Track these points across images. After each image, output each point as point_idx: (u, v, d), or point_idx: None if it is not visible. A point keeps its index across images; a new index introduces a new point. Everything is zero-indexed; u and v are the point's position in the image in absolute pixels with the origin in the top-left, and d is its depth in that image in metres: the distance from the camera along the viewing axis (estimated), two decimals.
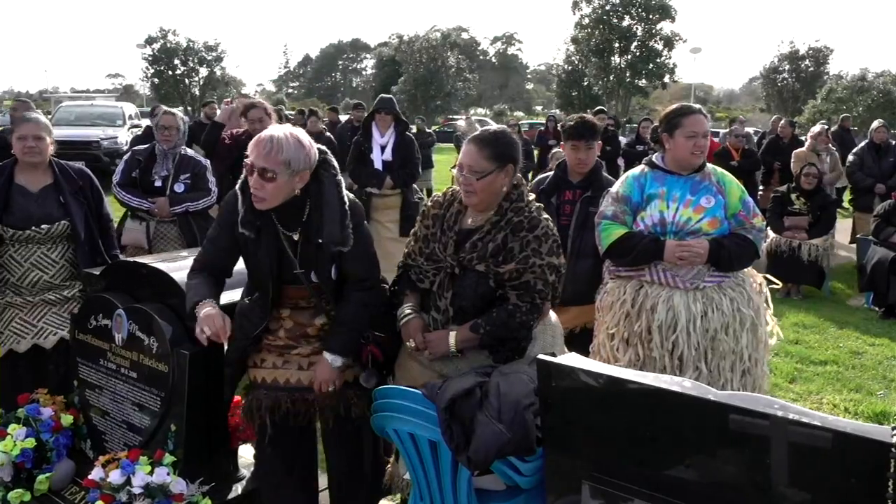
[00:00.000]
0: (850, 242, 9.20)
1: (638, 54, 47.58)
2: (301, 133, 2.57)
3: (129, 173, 4.74)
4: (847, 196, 10.14)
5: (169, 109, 5.18)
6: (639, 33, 47.55)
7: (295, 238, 2.63)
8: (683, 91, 54.23)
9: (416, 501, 2.62)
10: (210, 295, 2.66)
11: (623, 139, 13.56)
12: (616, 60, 48.14)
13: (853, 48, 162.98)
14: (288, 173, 2.49)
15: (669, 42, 47.74)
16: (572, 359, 2.15)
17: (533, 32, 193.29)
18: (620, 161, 10.86)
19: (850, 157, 9.07)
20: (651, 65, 47.69)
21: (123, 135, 15.79)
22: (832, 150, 9.90)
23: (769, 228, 7.57)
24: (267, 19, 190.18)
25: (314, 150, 2.59)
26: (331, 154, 2.69)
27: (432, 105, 50.87)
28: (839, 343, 6.05)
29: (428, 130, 15.49)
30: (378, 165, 6.08)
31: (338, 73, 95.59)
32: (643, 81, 48.81)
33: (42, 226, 3.61)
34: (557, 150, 9.90)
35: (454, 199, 2.77)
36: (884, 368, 5.45)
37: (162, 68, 50.72)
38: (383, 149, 6.11)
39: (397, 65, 55.09)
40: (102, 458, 2.94)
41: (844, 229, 9.72)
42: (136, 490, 2.75)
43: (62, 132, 3.82)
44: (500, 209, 2.67)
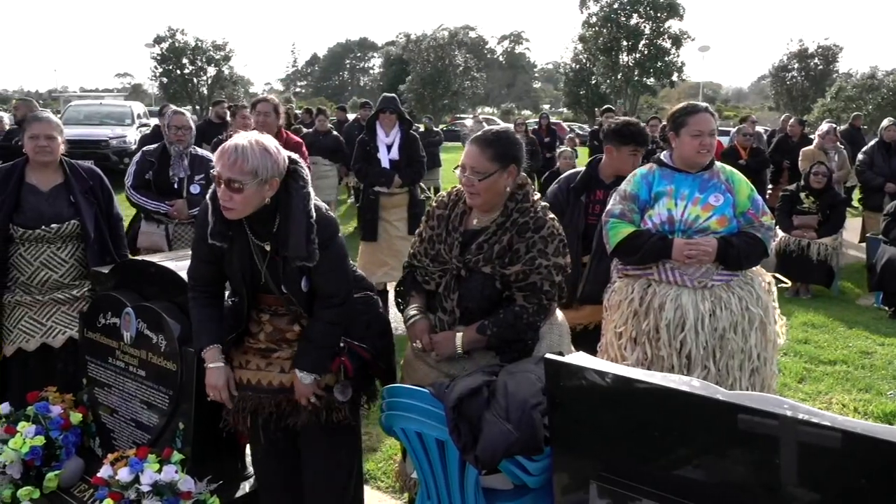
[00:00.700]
0: (860, 242, 9.15)
1: (646, 53, 47.41)
2: (268, 140, 2.49)
3: (142, 175, 4.66)
4: (857, 195, 10.08)
5: (179, 109, 5.12)
6: (647, 32, 47.39)
7: (266, 248, 2.58)
8: (692, 89, 54.04)
9: (424, 500, 2.62)
10: (214, 334, 2.68)
11: None
12: (624, 59, 47.98)
13: (863, 46, 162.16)
14: (256, 182, 2.41)
15: (678, 40, 47.55)
16: (580, 358, 2.14)
17: (540, 31, 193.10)
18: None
19: (860, 156, 9.02)
20: (659, 63, 47.52)
21: (132, 134, 15.84)
22: (840, 149, 9.84)
23: (778, 227, 7.54)
24: (275, 18, 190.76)
25: (283, 157, 2.50)
26: (303, 165, 2.59)
27: (440, 104, 50.81)
28: (848, 343, 6.02)
29: (435, 129, 15.47)
30: (385, 164, 6.09)
31: (345, 72, 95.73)
32: (651, 80, 48.65)
33: (52, 225, 3.62)
34: (566, 150, 9.91)
35: (459, 200, 2.76)
36: (893, 368, 5.41)
37: (170, 67, 50.77)
38: (389, 148, 6.12)
39: (405, 64, 55.07)
40: (111, 456, 2.95)
41: (854, 228, 9.67)
42: (145, 488, 2.76)
43: (71, 131, 3.84)
44: (506, 210, 2.66)
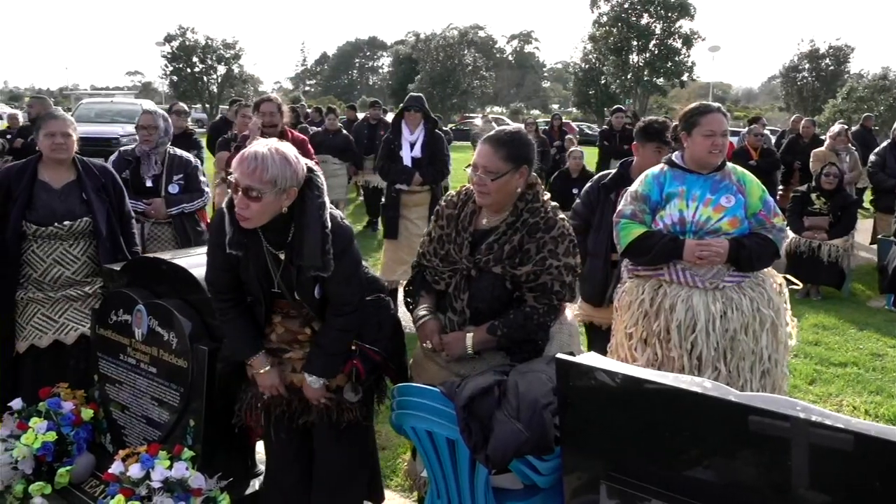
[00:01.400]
0: (871, 243, 9.10)
1: (656, 52, 47.31)
2: (287, 148, 2.46)
3: (120, 174, 4.47)
4: (868, 196, 10.03)
5: (149, 109, 5.03)
6: (657, 31, 47.27)
7: (281, 257, 2.57)
8: (701, 90, 53.86)
9: (434, 499, 2.62)
10: (254, 344, 2.70)
11: None
12: (634, 59, 47.89)
13: (874, 47, 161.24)
14: (274, 192, 2.39)
15: (688, 40, 47.43)
16: (591, 358, 2.14)
17: (550, 30, 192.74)
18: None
19: (872, 158, 8.97)
20: (669, 63, 47.40)
21: None
22: (852, 150, 9.79)
23: (788, 229, 7.51)
24: (285, 17, 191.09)
25: (302, 166, 2.48)
26: (319, 173, 2.58)
27: (449, 103, 50.83)
28: (859, 345, 5.99)
29: (444, 128, 15.45)
30: (407, 162, 6.11)
31: (354, 71, 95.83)
32: (661, 80, 48.53)
33: (65, 222, 3.64)
34: (575, 149, 9.89)
35: (468, 199, 2.75)
36: None
37: (180, 66, 50.98)
38: (413, 146, 6.14)
39: (414, 63, 55.10)
40: (122, 453, 2.97)
41: (865, 230, 9.61)
42: (156, 484, 2.77)
43: (82, 129, 3.86)
44: (516, 210, 2.65)
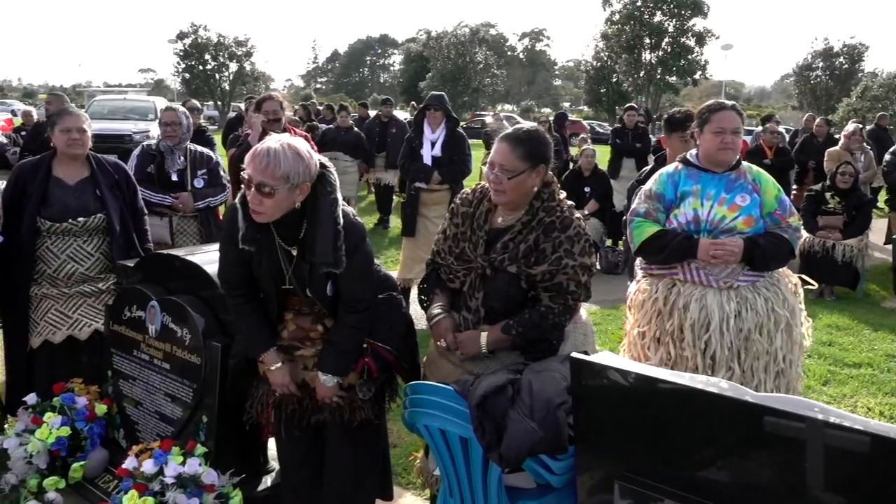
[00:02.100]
0: (886, 243, 9.02)
1: (669, 51, 47.09)
2: (300, 144, 2.46)
3: (145, 169, 4.68)
4: (883, 196, 9.95)
5: (171, 105, 5.12)
6: (670, 29, 47.04)
7: (293, 253, 2.57)
8: (714, 88, 53.58)
9: (446, 497, 2.62)
10: (267, 340, 2.69)
11: (653, 137, 13.42)
12: (646, 57, 47.69)
13: (889, 45, 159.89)
14: (287, 188, 2.39)
15: (701, 38, 47.21)
16: (605, 357, 2.14)
17: (561, 28, 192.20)
18: (650, 158, 10.75)
19: (887, 157, 8.89)
20: (682, 61, 47.16)
21: (155, 129, 15.92)
22: (867, 149, 9.72)
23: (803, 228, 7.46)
24: (296, 15, 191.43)
25: (315, 162, 2.48)
26: (331, 169, 2.57)
27: (460, 101, 50.77)
28: (874, 345, 5.95)
29: None
30: (427, 161, 6.12)
31: (366, 69, 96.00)
32: (674, 78, 48.30)
33: (78, 218, 3.66)
34: (587, 148, 9.86)
35: (484, 197, 2.74)
36: None
37: (193, 63, 51.14)
38: (433, 145, 6.14)
39: (425, 60, 55.08)
40: (135, 448, 2.98)
41: (880, 229, 9.54)
42: (169, 480, 2.78)
43: (95, 125, 3.90)
44: (531, 208, 2.64)
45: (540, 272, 2.58)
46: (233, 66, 52.01)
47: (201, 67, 51.13)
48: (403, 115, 16.55)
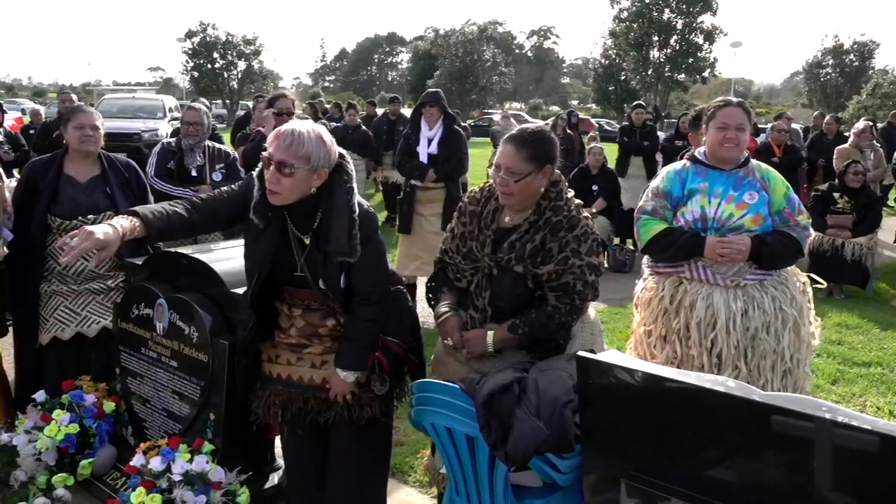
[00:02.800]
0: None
1: (678, 48, 46.87)
2: (323, 130, 2.49)
3: (165, 164, 4.84)
4: (893, 194, 9.90)
5: (193, 105, 5.23)
6: (679, 27, 46.82)
7: (306, 242, 2.57)
8: (723, 86, 53.41)
9: (452, 496, 2.62)
10: (153, 212, 2.47)
11: (661, 134, 13.37)
12: (655, 54, 47.48)
13: None
14: (307, 169, 2.40)
15: (710, 36, 46.94)
16: (611, 356, 2.13)
17: (569, 26, 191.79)
18: (659, 157, 10.73)
19: None
20: (691, 59, 46.95)
21: (164, 127, 16.02)
22: (876, 147, 9.66)
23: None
24: (304, 13, 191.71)
25: (335, 150, 2.50)
26: (349, 160, 2.58)
27: (468, 99, 50.78)
28: (883, 344, 5.92)
29: (462, 124, 15.41)
30: (423, 158, 6.08)
31: (373, 67, 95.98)
32: (682, 76, 48.09)
33: (89, 216, 3.68)
34: (595, 146, 9.83)
35: (491, 196, 2.74)
36: None
37: (201, 62, 51.33)
38: (430, 142, 6.11)
39: (433, 59, 55.07)
40: (143, 445, 3.00)
41: (889, 228, 9.50)
42: (176, 477, 2.79)
43: (105, 124, 3.93)
44: (539, 208, 2.63)
45: (546, 272, 2.57)
46: (241, 65, 52.19)
47: (210, 66, 51.32)
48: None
